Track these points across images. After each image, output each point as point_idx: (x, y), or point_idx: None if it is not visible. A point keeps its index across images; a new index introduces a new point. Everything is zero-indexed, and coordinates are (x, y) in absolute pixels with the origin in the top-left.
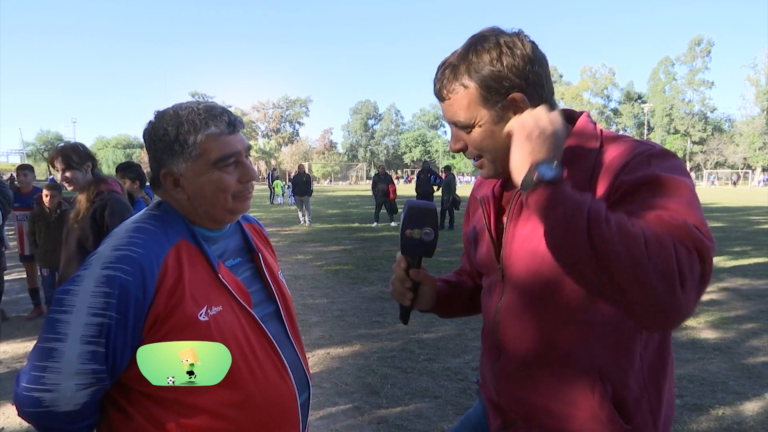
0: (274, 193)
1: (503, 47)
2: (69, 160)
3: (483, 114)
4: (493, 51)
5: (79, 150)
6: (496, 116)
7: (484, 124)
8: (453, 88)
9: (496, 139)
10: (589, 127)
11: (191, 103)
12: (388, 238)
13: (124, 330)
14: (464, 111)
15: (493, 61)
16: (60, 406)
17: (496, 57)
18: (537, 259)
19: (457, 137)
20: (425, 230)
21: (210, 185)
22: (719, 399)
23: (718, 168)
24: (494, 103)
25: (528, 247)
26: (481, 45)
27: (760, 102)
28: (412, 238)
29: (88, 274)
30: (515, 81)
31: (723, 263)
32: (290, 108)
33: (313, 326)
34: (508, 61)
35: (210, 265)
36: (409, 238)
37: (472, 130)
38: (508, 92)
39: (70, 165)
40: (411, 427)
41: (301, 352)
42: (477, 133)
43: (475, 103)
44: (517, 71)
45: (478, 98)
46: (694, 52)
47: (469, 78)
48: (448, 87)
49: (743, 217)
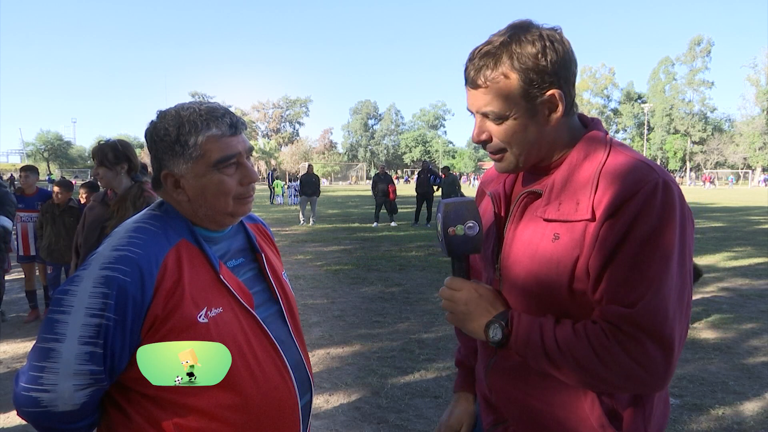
0: (274, 193)
1: (547, 41)
2: (104, 157)
3: (520, 107)
4: (538, 43)
5: (117, 149)
6: (532, 110)
7: (519, 117)
8: (492, 76)
9: (527, 134)
10: (599, 135)
11: (194, 103)
12: (388, 238)
13: (122, 331)
14: (501, 102)
15: (538, 54)
16: (58, 406)
17: (540, 50)
18: (535, 262)
19: (483, 128)
20: (468, 224)
21: (211, 187)
22: (719, 399)
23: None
24: (533, 97)
25: (527, 250)
26: (524, 36)
27: (760, 102)
28: (456, 236)
29: (87, 275)
30: (555, 77)
31: (723, 263)
32: (290, 108)
33: (313, 326)
34: (552, 56)
35: (211, 265)
36: (453, 237)
37: (504, 122)
38: (549, 88)
39: (102, 163)
40: (411, 427)
41: (305, 354)
42: (509, 126)
43: (515, 94)
44: (559, 68)
45: (518, 90)
46: (694, 52)
47: (511, 68)
48: (487, 75)
49: (743, 217)
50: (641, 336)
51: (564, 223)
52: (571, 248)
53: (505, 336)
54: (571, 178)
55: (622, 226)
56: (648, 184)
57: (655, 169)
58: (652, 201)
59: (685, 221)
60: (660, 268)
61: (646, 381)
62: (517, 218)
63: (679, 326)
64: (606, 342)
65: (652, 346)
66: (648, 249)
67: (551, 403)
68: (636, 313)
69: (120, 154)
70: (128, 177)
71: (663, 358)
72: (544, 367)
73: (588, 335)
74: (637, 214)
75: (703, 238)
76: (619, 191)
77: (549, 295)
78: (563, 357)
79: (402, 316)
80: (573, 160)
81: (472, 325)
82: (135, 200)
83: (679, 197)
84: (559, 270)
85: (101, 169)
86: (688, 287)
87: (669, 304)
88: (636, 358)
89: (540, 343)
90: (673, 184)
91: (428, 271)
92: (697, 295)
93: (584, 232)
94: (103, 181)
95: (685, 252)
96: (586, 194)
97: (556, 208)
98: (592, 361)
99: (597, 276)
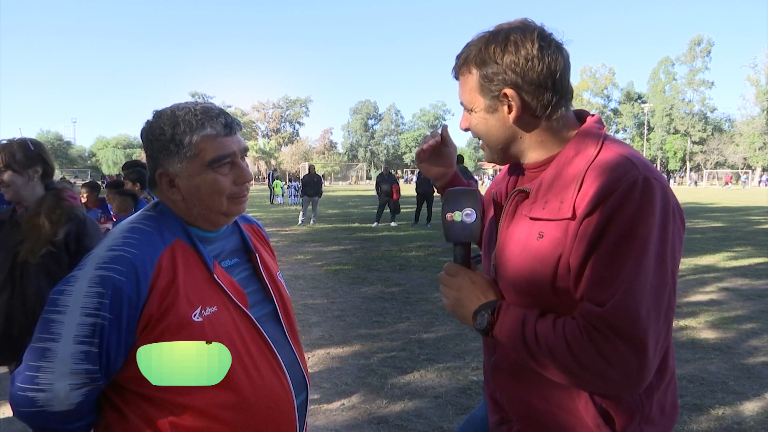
0: (274, 193)
1: (510, 44)
2: (11, 159)
3: (479, 101)
4: (499, 46)
5: (27, 149)
6: (489, 106)
7: (479, 111)
8: (462, 70)
9: (488, 128)
10: (594, 128)
11: (189, 103)
12: (388, 238)
13: (117, 330)
14: (467, 95)
15: (496, 55)
16: (54, 405)
17: (500, 52)
18: (523, 260)
19: (464, 117)
20: (466, 211)
21: (205, 186)
22: (719, 399)
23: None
24: (489, 92)
25: (516, 248)
26: (494, 37)
27: (760, 102)
28: (453, 222)
29: (82, 275)
30: (511, 77)
31: (723, 263)
32: (290, 108)
33: (313, 326)
34: (509, 58)
35: (205, 265)
36: (451, 223)
37: (473, 114)
38: (502, 86)
39: (9, 165)
40: (411, 427)
41: (300, 353)
42: (474, 118)
43: (475, 89)
44: (516, 68)
45: (477, 86)
46: (694, 52)
47: (475, 66)
48: (461, 70)
49: (743, 217)
50: (612, 336)
51: (548, 222)
52: (554, 246)
53: (489, 324)
54: (558, 177)
55: (599, 223)
56: (626, 181)
57: (636, 165)
58: (629, 198)
59: (668, 220)
60: (634, 266)
61: (618, 381)
62: (509, 216)
63: (654, 327)
64: (580, 339)
65: (624, 346)
66: (623, 247)
67: (550, 403)
68: (606, 312)
69: (32, 154)
70: (42, 184)
71: (635, 359)
72: (525, 359)
73: (565, 331)
74: (613, 211)
75: (703, 238)
76: (598, 189)
77: (537, 292)
78: (541, 351)
79: (402, 316)
80: (562, 159)
81: (463, 311)
82: (50, 212)
83: (662, 195)
84: (543, 268)
85: (7, 174)
86: (669, 287)
87: (641, 303)
88: (607, 357)
89: (521, 334)
90: (654, 181)
91: (428, 271)
92: (697, 295)
93: (566, 231)
94: (9, 191)
95: (665, 251)
96: (570, 193)
97: (542, 206)
98: (567, 357)
99: (577, 274)
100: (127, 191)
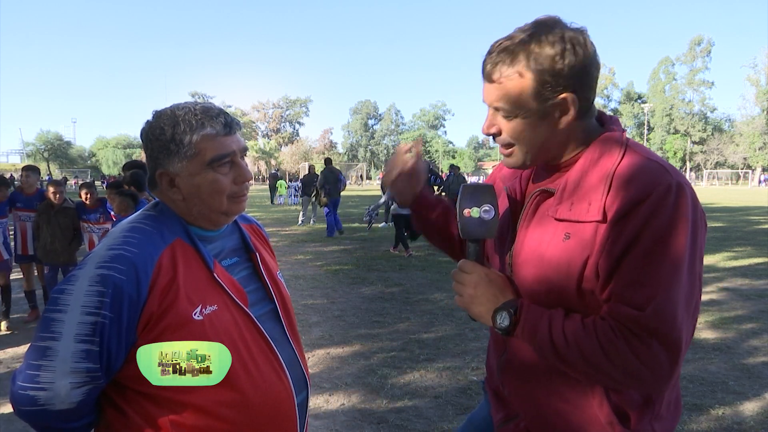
0: (277, 193)
1: (568, 44)
2: None
3: (531, 107)
4: (558, 45)
5: None
6: (543, 111)
7: (529, 116)
8: (507, 73)
9: (536, 134)
10: (616, 135)
11: (189, 103)
12: (388, 238)
13: (118, 329)
14: (512, 99)
15: (556, 56)
16: (55, 404)
17: (559, 53)
18: (545, 261)
19: (493, 121)
20: (484, 207)
21: (205, 185)
22: (719, 399)
23: (718, 168)
24: (545, 99)
25: (538, 248)
26: (546, 36)
27: (760, 102)
28: (471, 218)
29: (83, 274)
30: (571, 81)
31: (723, 263)
32: (290, 108)
33: (313, 326)
34: (570, 60)
35: (205, 264)
36: (468, 219)
37: (514, 119)
38: (562, 91)
39: None
40: (411, 427)
41: (300, 352)
42: (518, 123)
43: (527, 94)
44: (576, 72)
45: (531, 90)
46: (694, 52)
47: (527, 67)
48: (502, 70)
49: (743, 217)
50: (649, 338)
51: (575, 224)
52: (581, 248)
53: (512, 323)
54: (584, 178)
55: (633, 228)
56: (661, 187)
57: (669, 170)
58: (664, 204)
59: (698, 224)
60: (670, 271)
61: (649, 381)
62: (529, 216)
63: (686, 329)
64: (614, 339)
65: (659, 348)
66: (659, 251)
67: (562, 400)
68: (645, 316)
69: None
70: None
71: (668, 360)
72: (550, 358)
73: (596, 331)
74: (649, 216)
75: None
76: (631, 193)
77: (557, 293)
78: (570, 350)
79: (402, 316)
80: (587, 160)
81: (479, 309)
82: None
83: (692, 200)
84: (569, 269)
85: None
86: (697, 290)
87: (678, 307)
88: (642, 358)
89: (548, 333)
90: (686, 187)
91: (428, 271)
92: None
93: (595, 233)
94: None
95: (695, 255)
96: (598, 195)
97: (568, 207)
98: (599, 356)
99: (606, 277)
100: (127, 191)
